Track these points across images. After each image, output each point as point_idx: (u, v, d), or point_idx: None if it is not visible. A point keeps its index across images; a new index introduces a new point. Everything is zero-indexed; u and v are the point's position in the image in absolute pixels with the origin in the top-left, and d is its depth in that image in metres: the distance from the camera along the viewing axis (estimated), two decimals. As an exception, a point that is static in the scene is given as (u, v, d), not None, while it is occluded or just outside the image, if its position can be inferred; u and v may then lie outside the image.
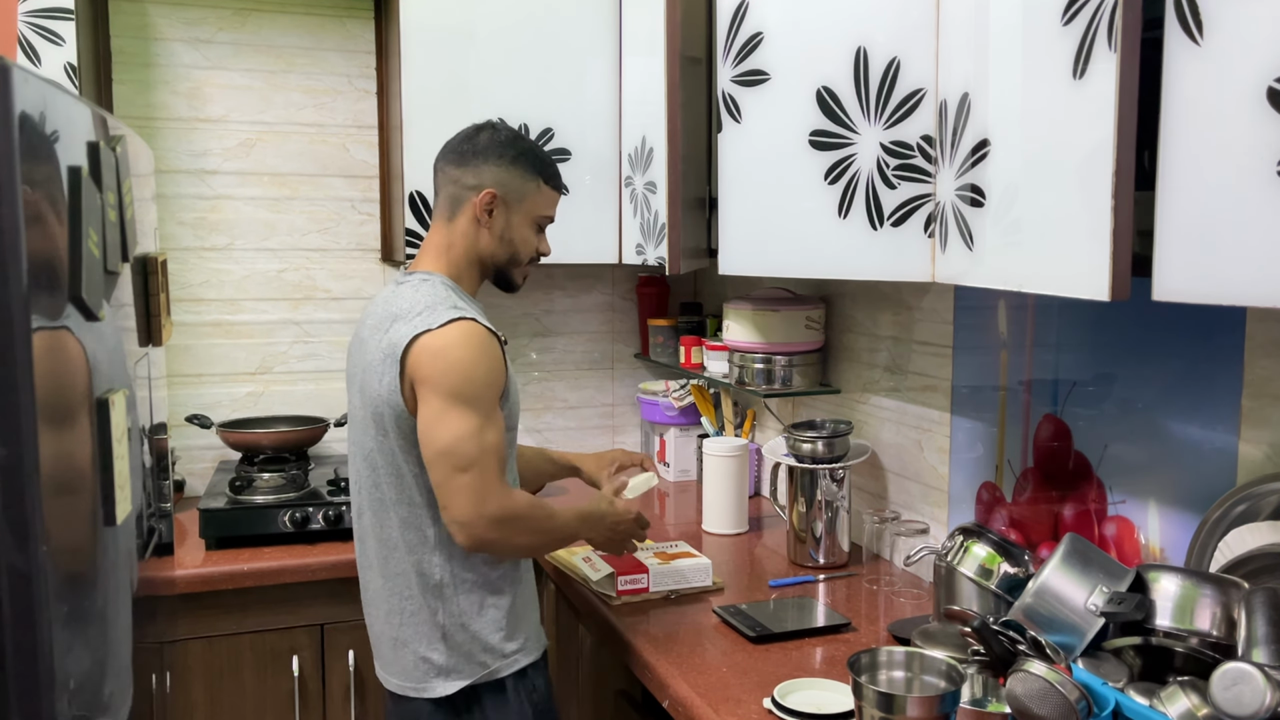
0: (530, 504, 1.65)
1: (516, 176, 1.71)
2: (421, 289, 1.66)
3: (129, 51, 2.54)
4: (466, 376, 1.57)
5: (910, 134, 1.56)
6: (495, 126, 1.75)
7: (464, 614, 1.66)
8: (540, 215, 1.75)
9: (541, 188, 1.74)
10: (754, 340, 2.27)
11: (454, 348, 1.57)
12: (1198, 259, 1.05)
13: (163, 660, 1.92)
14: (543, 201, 1.74)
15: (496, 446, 1.58)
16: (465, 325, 1.58)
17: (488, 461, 1.57)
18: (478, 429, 1.56)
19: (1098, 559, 1.33)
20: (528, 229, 1.74)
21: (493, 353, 1.61)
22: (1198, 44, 1.03)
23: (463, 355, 1.57)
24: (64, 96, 1.18)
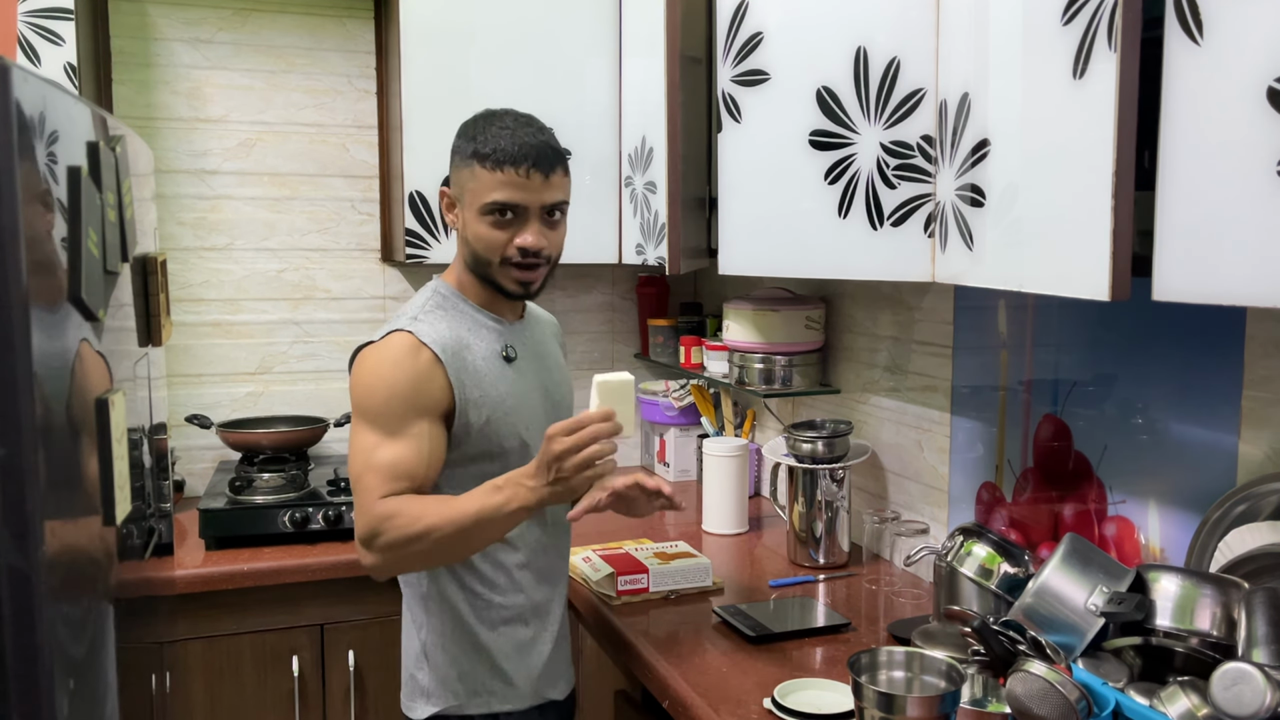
0: (395, 509, 1.42)
1: (456, 165, 1.53)
2: (416, 295, 1.60)
3: (129, 51, 2.54)
4: (368, 390, 1.47)
5: (910, 134, 1.56)
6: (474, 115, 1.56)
7: (444, 635, 1.57)
8: (482, 204, 1.48)
9: (476, 171, 1.49)
10: (754, 340, 2.27)
11: (366, 361, 1.48)
12: (1198, 259, 1.05)
13: (163, 660, 1.92)
14: (480, 186, 1.48)
15: (385, 466, 1.43)
16: (393, 338, 1.48)
17: (368, 481, 1.43)
18: (369, 447, 1.44)
19: (1098, 559, 1.33)
20: (478, 223, 1.50)
21: (410, 366, 1.46)
22: (1198, 44, 1.03)
23: (371, 369, 1.47)
24: (64, 96, 1.18)
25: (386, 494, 1.42)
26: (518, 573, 1.60)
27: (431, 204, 2.42)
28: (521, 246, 1.50)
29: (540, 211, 1.51)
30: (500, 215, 1.49)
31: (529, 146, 1.48)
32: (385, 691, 2.28)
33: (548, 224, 1.53)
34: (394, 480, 1.43)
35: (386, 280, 2.79)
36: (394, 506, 1.42)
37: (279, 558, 2.19)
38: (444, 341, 1.49)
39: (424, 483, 1.46)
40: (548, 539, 1.65)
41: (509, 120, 1.51)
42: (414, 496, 1.44)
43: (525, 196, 1.48)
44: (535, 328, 1.70)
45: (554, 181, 1.51)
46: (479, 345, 1.55)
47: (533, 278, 1.54)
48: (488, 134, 1.48)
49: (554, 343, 1.77)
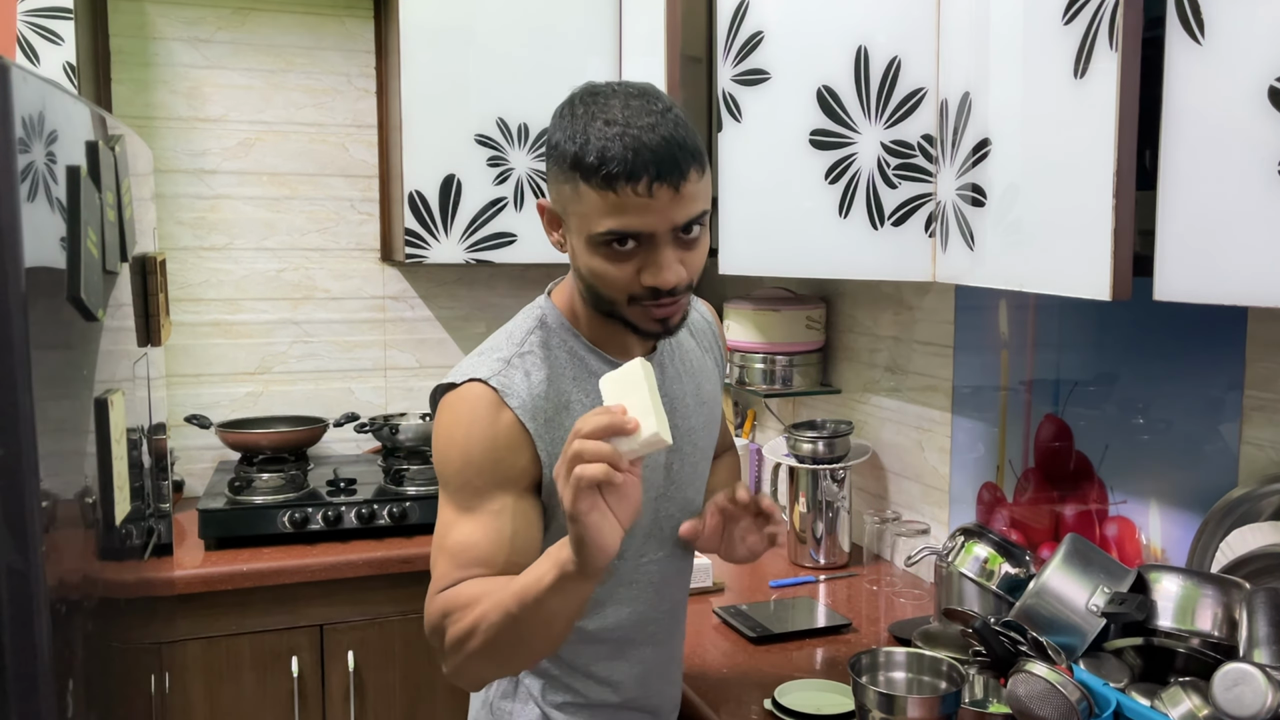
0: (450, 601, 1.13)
1: (555, 179, 1.14)
2: (517, 318, 1.27)
3: (128, 51, 2.53)
4: (442, 455, 1.19)
5: (911, 133, 1.56)
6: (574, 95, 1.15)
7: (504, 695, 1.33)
8: (593, 234, 1.10)
9: (580, 189, 1.09)
10: (754, 340, 2.27)
11: (442, 415, 1.20)
12: (1199, 259, 1.05)
13: (162, 660, 1.92)
14: (588, 210, 1.10)
15: (457, 549, 1.16)
16: (471, 391, 1.18)
17: (438, 567, 1.17)
18: (445, 523, 1.18)
19: (1099, 559, 1.33)
20: (591, 256, 1.13)
21: (492, 432, 1.16)
22: (1199, 44, 1.03)
23: (445, 427, 1.19)
24: (63, 96, 1.17)
25: (454, 583, 1.14)
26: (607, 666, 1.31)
27: (431, 203, 2.41)
28: (654, 286, 1.12)
29: (673, 235, 1.11)
30: (619, 246, 1.10)
31: (648, 150, 1.06)
32: (385, 692, 2.28)
33: (683, 244, 1.13)
34: (466, 568, 1.14)
35: (386, 280, 2.78)
36: (450, 598, 1.13)
37: (278, 558, 2.19)
38: (535, 401, 1.18)
39: (507, 570, 1.14)
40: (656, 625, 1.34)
41: (617, 108, 1.09)
42: (473, 582, 1.14)
43: (650, 222, 1.09)
44: (674, 357, 1.33)
45: (687, 192, 1.09)
46: (583, 403, 1.21)
47: (672, 313, 1.16)
48: (590, 132, 1.08)
49: (703, 359, 1.39)
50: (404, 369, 2.82)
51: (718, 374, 1.42)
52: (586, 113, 1.10)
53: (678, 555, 1.34)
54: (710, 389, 1.37)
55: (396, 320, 2.80)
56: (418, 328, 2.82)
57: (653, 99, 1.11)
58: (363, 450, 2.80)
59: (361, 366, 2.78)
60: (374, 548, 2.26)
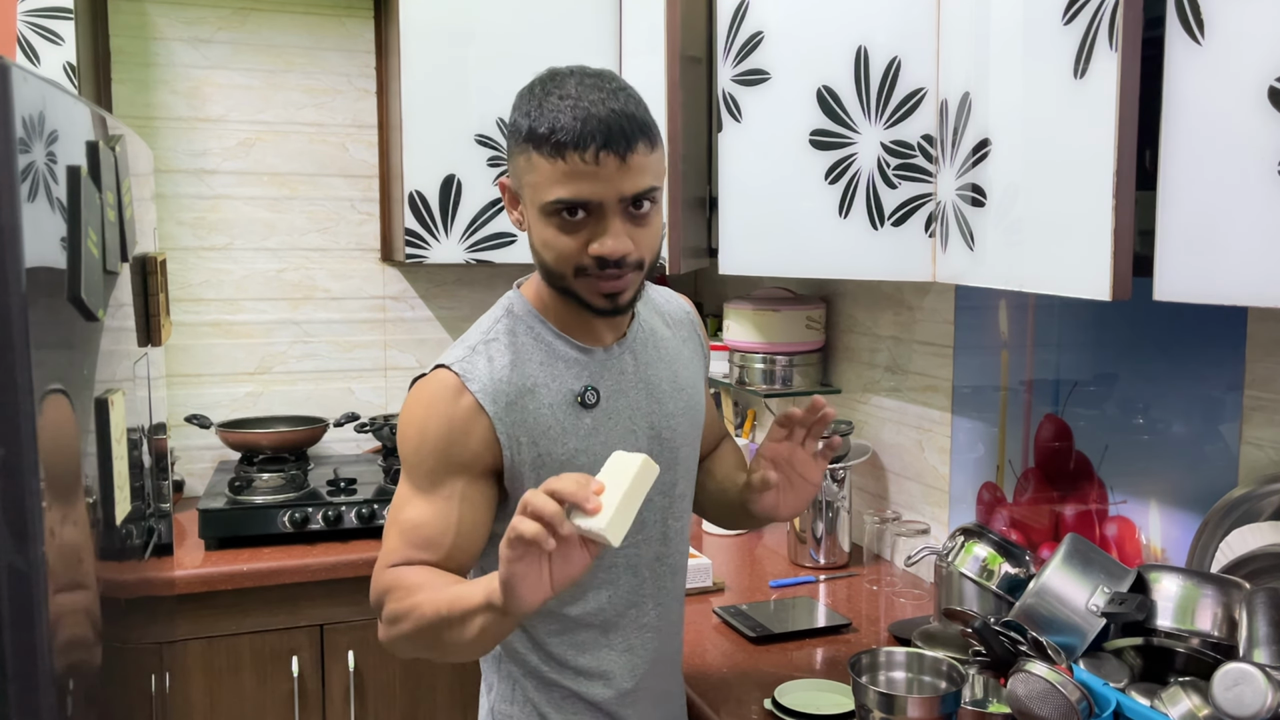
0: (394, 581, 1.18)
1: (512, 152, 1.19)
2: (490, 310, 1.32)
3: (128, 51, 2.53)
4: (402, 434, 1.24)
5: (911, 133, 1.56)
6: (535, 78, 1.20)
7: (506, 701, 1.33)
8: (543, 202, 1.14)
9: (532, 159, 1.14)
10: (754, 340, 2.27)
11: (410, 398, 1.25)
12: (1199, 259, 1.05)
13: (162, 661, 1.91)
14: (539, 179, 1.14)
15: (408, 528, 1.20)
16: (435, 376, 1.23)
17: (388, 541, 1.22)
18: (400, 500, 1.23)
19: (1099, 559, 1.33)
20: (543, 226, 1.17)
21: (445, 413, 1.20)
22: (1199, 44, 1.03)
23: (408, 408, 1.24)
24: (63, 96, 1.17)
25: (401, 561, 1.19)
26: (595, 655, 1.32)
27: (431, 203, 2.41)
28: (598, 255, 1.14)
29: (620, 206, 1.14)
30: (569, 215, 1.14)
31: (596, 120, 1.10)
32: (385, 692, 2.28)
33: (632, 219, 1.16)
34: (414, 547, 1.19)
35: (386, 280, 2.78)
36: (395, 577, 1.18)
37: (279, 558, 2.19)
38: (497, 385, 1.21)
39: (453, 553, 1.20)
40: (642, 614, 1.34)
41: (571, 85, 1.14)
42: (421, 569, 1.18)
43: (597, 189, 1.12)
44: (648, 343, 1.34)
45: (634, 164, 1.12)
46: (549, 387, 1.24)
47: (618, 288, 1.18)
48: (545, 106, 1.12)
49: (680, 348, 1.40)
50: (404, 369, 2.82)
51: (698, 365, 1.43)
52: (543, 90, 1.15)
53: (655, 540, 1.34)
54: (688, 376, 1.38)
55: (396, 320, 2.80)
56: (418, 328, 2.82)
57: (607, 79, 1.16)
58: (363, 450, 2.80)
59: (361, 366, 2.78)
60: (374, 548, 2.26)
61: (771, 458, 1.32)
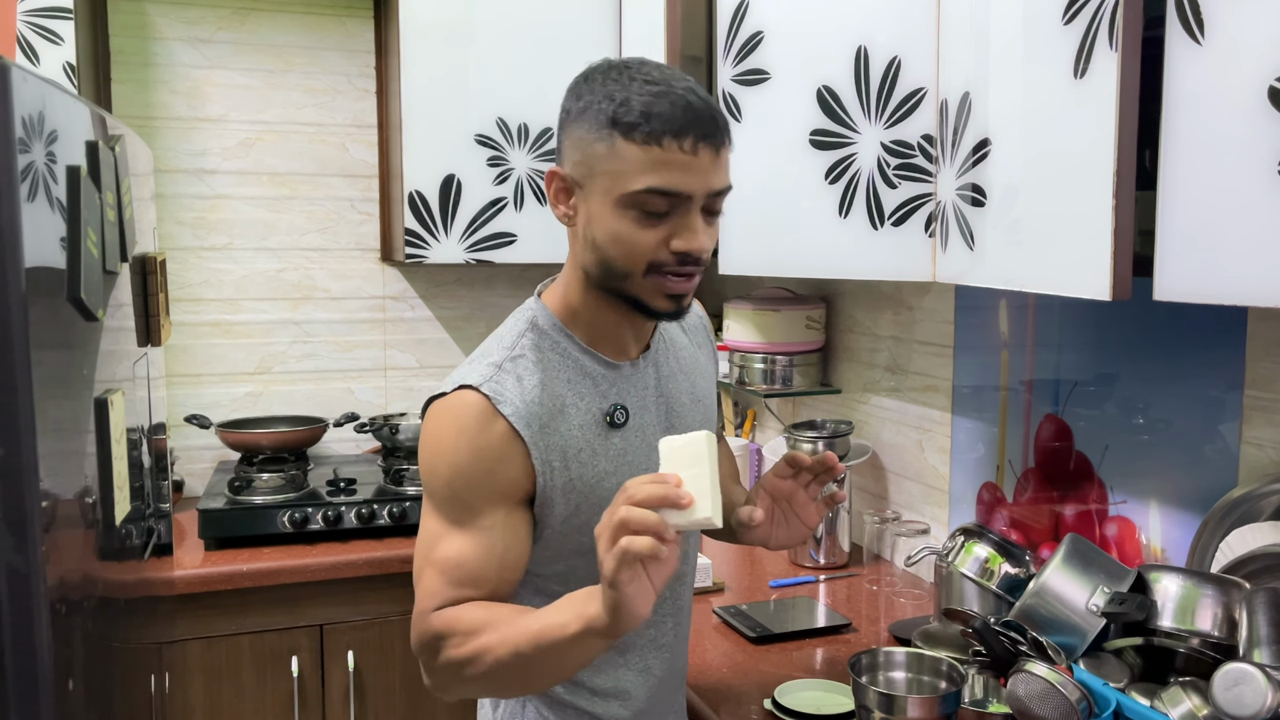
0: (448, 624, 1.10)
1: (580, 140, 1.10)
2: (507, 323, 1.23)
3: (128, 51, 2.53)
4: (429, 466, 1.15)
5: (911, 133, 1.56)
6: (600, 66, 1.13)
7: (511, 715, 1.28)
8: (626, 192, 1.07)
9: (617, 145, 1.06)
10: (754, 340, 2.27)
11: (429, 424, 1.16)
12: (1199, 259, 1.05)
13: (162, 661, 1.91)
14: (626, 168, 1.06)
15: (448, 565, 1.12)
16: (461, 399, 1.13)
17: (427, 582, 1.13)
18: (432, 536, 1.14)
19: (1099, 559, 1.33)
20: (617, 218, 1.09)
21: (478, 441, 1.12)
22: (1199, 43, 1.03)
23: (433, 436, 1.15)
24: (63, 96, 1.17)
25: (446, 602, 1.12)
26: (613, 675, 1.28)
27: (431, 203, 2.41)
28: (682, 251, 1.08)
29: (704, 201, 1.10)
30: (652, 208, 1.07)
31: (694, 111, 1.06)
32: (385, 692, 2.28)
33: (708, 218, 1.12)
34: (457, 586, 1.12)
35: (386, 280, 2.78)
36: (448, 621, 1.10)
37: (278, 558, 2.19)
38: (529, 407, 1.13)
39: (498, 587, 1.14)
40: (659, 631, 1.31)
41: (654, 72, 1.08)
42: (475, 606, 1.11)
43: (690, 182, 1.07)
44: (669, 355, 1.29)
45: (723, 159, 1.11)
46: (578, 407, 1.17)
47: (688, 288, 1.13)
48: (631, 90, 1.06)
49: (696, 354, 1.36)
50: (404, 369, 2.82)
51: (711, 371, 1.39)
52: (622, 76, 1.08)
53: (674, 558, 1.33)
54: (705, 386, 1.35)
55: (396, 320, 2.80)
56: (418, 328, 2.82)
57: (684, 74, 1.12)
58: (362, 450, 2.80)
59: (361, 366, 2.78)
60: (374, 548, 2.26)
61: (771, 492, 1.28)
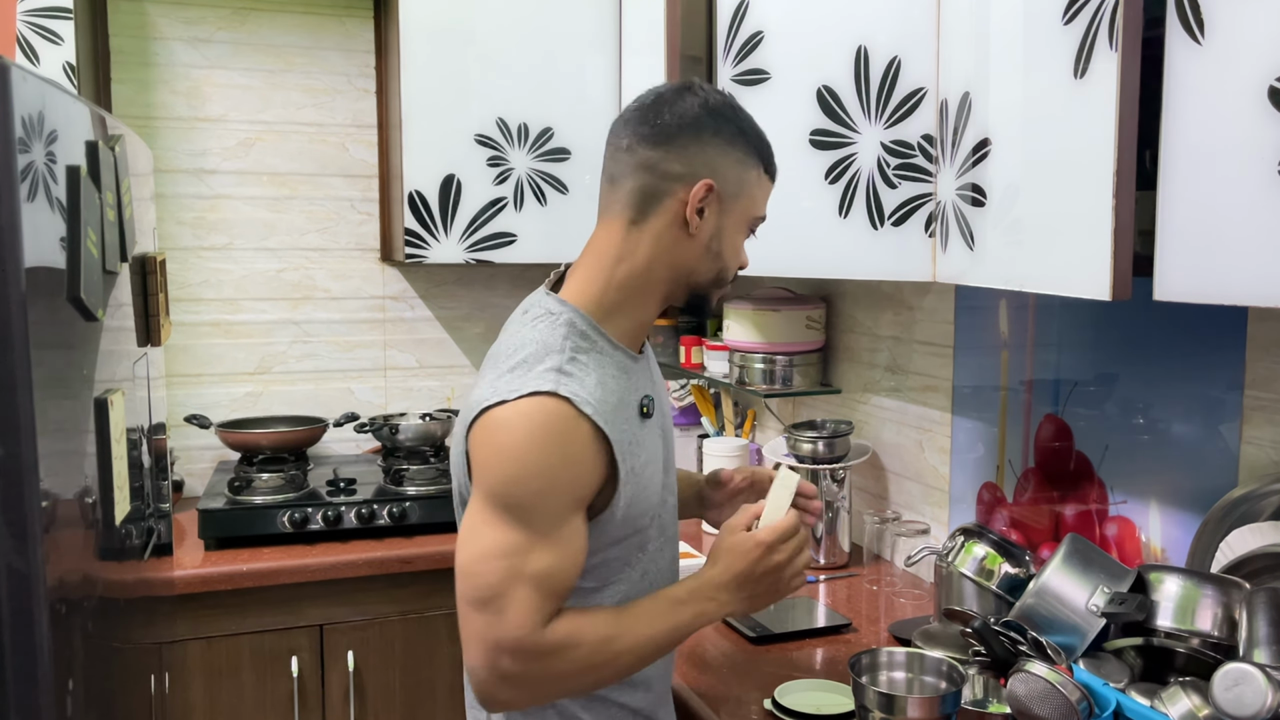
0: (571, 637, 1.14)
1: (735, 162, 1.22)
2: (536, 329, 1.20)
3: (128, 51, 2.53)
4: (515, 476, 1.12)
5: (911, 133, 1.56)
6: (697, 89, 1.23)
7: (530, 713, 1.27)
8: (756, 216, 1.27)
9: (761, 177, 1.26)
10: (754, 340, 2.27)
11: (511, 431, 1.12)
12: (1199, 259, 1.05)
13: (162, 661, 1.92)
14: (761, 196, 1.27)
15: (541, 579, 1.12)
16: (543, 405, 1.12)
17: (514, 599, 1.11)
18: (512, 550, 1.11)
19: (1099, 559, 1.33)
20: (740, 234, 1.26)
21: (573, 450, 1.13)
22: (1199, 43, 1.03)
23: (518, 445, 1.12)
24: (63, 96, 1.17)
25: (547, 617, 1.13)
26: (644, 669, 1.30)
27: (431, 203, 2.41)
28: (744, 265, 1.30)
29: None
30: (754, 230, 1.29)
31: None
32: (385, 692, 2.28)
33: None
34: (552, 598, 1.13)
35: (386, 280, 2.78)
36: (570, 633, 1.14)
37: (278, 558, 2.19)
38: (602, 405, 1.16)
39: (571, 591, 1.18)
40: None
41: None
42: (585, 617, 1.16)
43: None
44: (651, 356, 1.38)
45: None
46: (624, 400, 1.22)
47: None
48: (764, 135, 1.26)
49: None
50: (404, 369, 2.82)
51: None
52: (736, 108, 1.25)
53: (672, 542, 1.38)
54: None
55: (396, 320, 2.80)
56: (418, 328, 2.82)
57: None
58: (362, 450, 2.80)
59: (361, 366, 2.78)
60: (374, 548, 2.26)
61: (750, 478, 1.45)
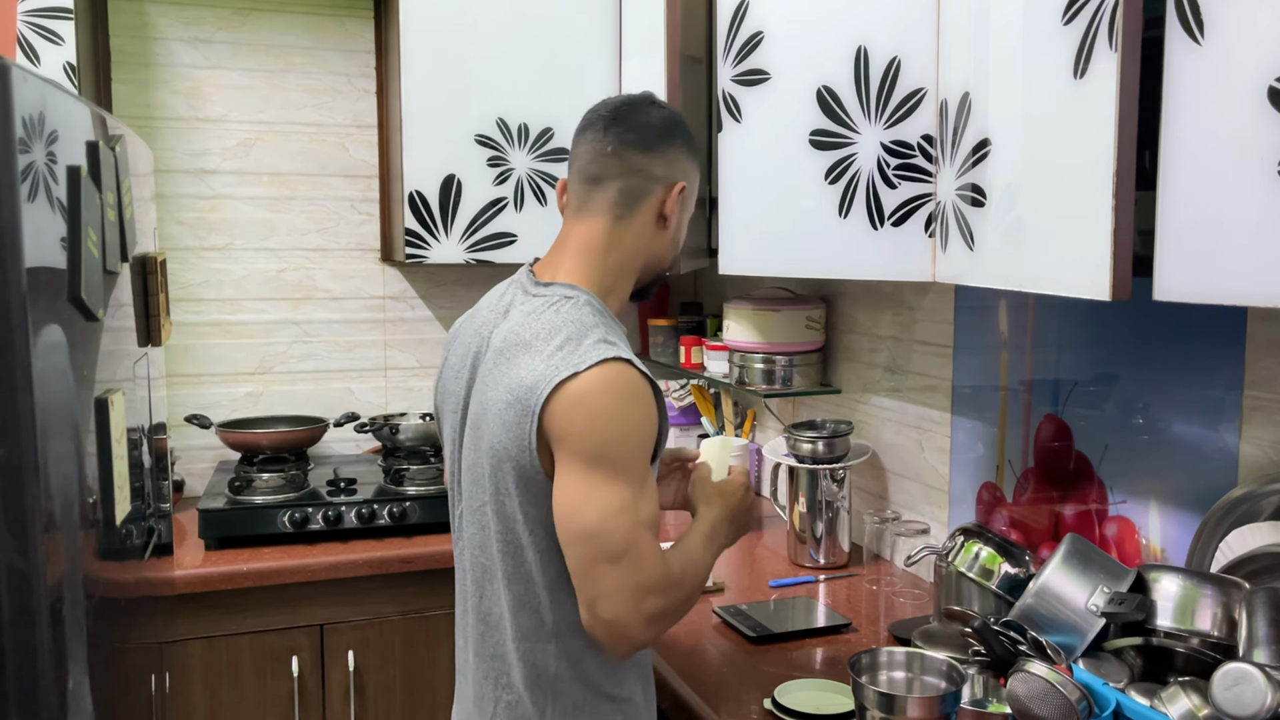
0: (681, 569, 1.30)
1: (695, 167, 1.44)
2: (562, 311, 1.30)
3: (128, 51, 2.53)
4: (614, 437, 1.23)
5: (911, 133, 1.56)
6: (659, 103, 1.42)
7: (579, 714, 1.33)
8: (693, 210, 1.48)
9: (700, 179, 1.49)
10: (754, 340, 2.27)
11: (599, 396, 1.23)
12: (1198, 259, 1.05)
13: (162, 660, 1.92)
14: (697, 191, 1.48)
15: (652, 521, 1.25)
16: (617, 369, 1.24)
17: (643, 545, 1.23)
18: (629, 503, 1.22)
19: (1098, 559, 1.33)
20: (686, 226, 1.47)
21: (647, 404, 1.26)
22: (1198, 44, 1.03)
23: (610, 408, 1.23)
24: (63, 96, 1.17)
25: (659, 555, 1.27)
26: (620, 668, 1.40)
27: (431, 203, 2.41)
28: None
29: None
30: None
31: None
32: (385, 692, 2.28)
33: None
34: (659, 536, 1.28)
35: (386, 280, 2.78)
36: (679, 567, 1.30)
37: (278, 558, 2.19)
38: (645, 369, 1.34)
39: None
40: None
41: None
42: (673, 553, 1.32)
43: None
44: None
45: None
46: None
47: None
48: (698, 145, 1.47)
49: None
50: (404, 369, 2.82)
51: None
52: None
53: None
54: None
55: (396, 320, 2.80)
56: (418, 328, 2.82)
57: None
58: (363, 450, 2.80)
59: (361, 366, 2.78)
60: (374, 548, 2.26)
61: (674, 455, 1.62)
